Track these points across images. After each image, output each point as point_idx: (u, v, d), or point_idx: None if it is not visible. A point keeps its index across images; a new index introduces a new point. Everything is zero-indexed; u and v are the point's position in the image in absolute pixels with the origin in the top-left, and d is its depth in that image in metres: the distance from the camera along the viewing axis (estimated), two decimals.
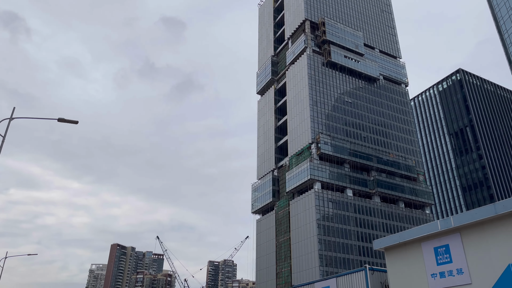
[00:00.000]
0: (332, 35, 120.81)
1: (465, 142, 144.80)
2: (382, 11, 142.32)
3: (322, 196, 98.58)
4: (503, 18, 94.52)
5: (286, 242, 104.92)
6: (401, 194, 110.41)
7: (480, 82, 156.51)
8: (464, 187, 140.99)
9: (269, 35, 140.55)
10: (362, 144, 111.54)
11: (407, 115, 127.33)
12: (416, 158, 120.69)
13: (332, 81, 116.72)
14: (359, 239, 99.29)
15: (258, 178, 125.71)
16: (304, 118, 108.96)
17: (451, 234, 25.82)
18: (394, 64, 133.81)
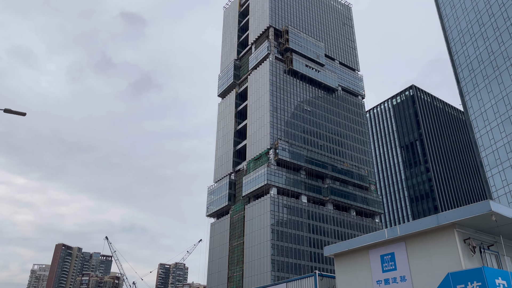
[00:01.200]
0: (295, 43, 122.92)
1: (414, 155, 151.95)
2: (343, 24, 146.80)
3: (277, 202, 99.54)
4: (454, 40, 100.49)
5: (239, 247, 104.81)
6: (353, 202, 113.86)
7: (430, 99, 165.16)
8: (411, 198, 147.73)
9: (233, 39, 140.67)
10: (319, 152, 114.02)
11: (362, 126, 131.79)
12: (369, 168, 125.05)
13: (293, 88, 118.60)
14: (312, 245, 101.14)
15: (215, 181, 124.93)
16: (264, 123, 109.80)
17: (397, 243, 26.83)
18: (353, 77, 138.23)
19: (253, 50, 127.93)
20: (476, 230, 23.62)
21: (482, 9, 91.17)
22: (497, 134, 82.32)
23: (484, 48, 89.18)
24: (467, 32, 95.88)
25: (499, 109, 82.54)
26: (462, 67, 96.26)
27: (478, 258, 22.98)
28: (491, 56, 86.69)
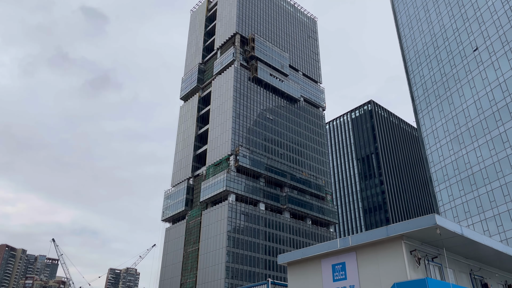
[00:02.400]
0: (261, 52, 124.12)
1: (370, 167, 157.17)
2: (308, 37, 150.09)
3: (235, 208, 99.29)
4: (411, 60, 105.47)
5: (194, 253, 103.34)
6: (310, 211, 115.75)
7: (387, 115, 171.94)
8: (365, 209, 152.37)
9: (198, 42, 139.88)
10: (279, 160, 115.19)
11: (322, 137, 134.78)
12: (326, 179, 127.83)
13: (256, 96, 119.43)
14: (267, 253, 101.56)
15: (173, 186, 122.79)
16: (226, 129, 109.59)
17: (348, 253, 27.48)
18: (315, 88, 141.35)
19: (219, 55, 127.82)
20: (422, 242, 24.67)
21: (438, 33, 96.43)
22: (446, 152, 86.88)
23: (438, 70, 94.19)
24: (423, 53, 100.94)
25: (448, 128, 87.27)
26: (417, 86, 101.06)
27: (423, 269, 23.99)
28: (443, 78, 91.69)
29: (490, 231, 71.99)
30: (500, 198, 71.32)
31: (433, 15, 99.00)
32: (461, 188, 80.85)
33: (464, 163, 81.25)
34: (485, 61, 79.98)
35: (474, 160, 78.71)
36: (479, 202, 75.90)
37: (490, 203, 73.41)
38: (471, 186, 78.25)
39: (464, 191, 79.93)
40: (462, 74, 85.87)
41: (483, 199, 75.08)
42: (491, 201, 73.16)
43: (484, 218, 74.12)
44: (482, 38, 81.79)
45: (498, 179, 72.50)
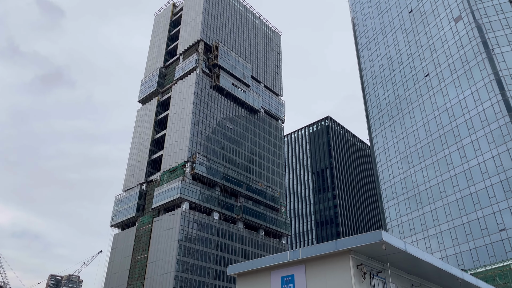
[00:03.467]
0: (224, 61, 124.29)
1: (324, 181, 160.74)
2: (272, 50, 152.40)
3: (188, 217, 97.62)
4: (368, 80, 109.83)
5: (142, 261, 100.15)
6: (263, 222, 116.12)
7: (343, 131, 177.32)
8: (317, 222, 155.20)
9: (161, 46, 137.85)
10: (236, 170, 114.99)
11: (280, 149, 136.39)
12: (281, 190, 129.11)
13: (217, 104, 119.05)
14: (218, 263, 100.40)
15: (124, 190, 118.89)
16: (184, 135, 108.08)
17: (297, 265, 27.69)
18: (275, 101, 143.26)
19: (181, 60, 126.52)
20: (368, 257, 25.37)
21: (394, 56, 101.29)
22: (395, 170, 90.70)
23: (392, 92, 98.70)
24: (379, 75, 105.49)
25: (399, 148, 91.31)
26: (372, 105, 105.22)
27: (368, 283, 24.62)
28: (397, 99, 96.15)
29: (432, 248, 75.59)
30: (442, 217, 75.25)
31: (390, 40, 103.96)
32: (407, 205, 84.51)
33: (411, 182, 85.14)
34: (435, 86, 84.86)
35: (421, 180, 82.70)
36: (423, 220, 79.62)
37: (433, 221, 77.21)
38: (417, 204, 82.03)
39: (410, 208, 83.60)
40: (414, 97, 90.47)
41: (427, 217, 78.87)
42: (434, 219, 76.98)
43: (427, 235, 77.76)
44: (433, 65, 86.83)
45: (441, 199, 76.54)
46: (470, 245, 68.36)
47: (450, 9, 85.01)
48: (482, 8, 78.01)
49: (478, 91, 73.80)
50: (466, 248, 69.05)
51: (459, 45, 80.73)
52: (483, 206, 67.73)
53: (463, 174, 73.02)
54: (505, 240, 62.62)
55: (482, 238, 66.55)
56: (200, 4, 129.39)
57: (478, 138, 71.69)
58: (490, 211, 66.35)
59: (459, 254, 69.96)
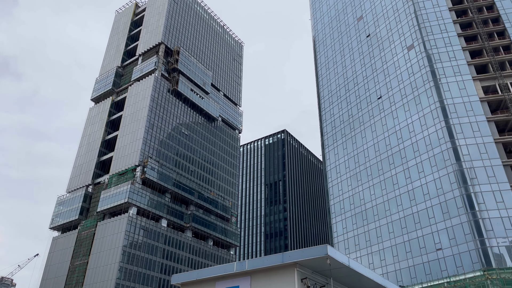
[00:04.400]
0: (184, 66, 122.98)
1: (276, 194, 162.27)
2: (233, 60, 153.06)
3: (135, 222, 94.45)
4: (324, 98, 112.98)
5: (82, 266, 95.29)
6: (213, 232, 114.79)
7: (297, 145, 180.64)
8: (267, 234, 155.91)
9: (120, 45, 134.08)
10: (188, 177, 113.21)
11: (235, 159, 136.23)
12: (233, 200, 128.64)
13: (174, 109, 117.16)
14: (164, 271, 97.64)
15: (68, 191, 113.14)
16: (137, 138, 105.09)
17: (243, 277, 27.51)
18: (234, 110, 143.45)
19: (140, 61, 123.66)
20: (313, 271, 25.72)
21: (350, 77, 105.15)
22: (345, 187, 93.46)
23: (346, 111, 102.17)
24: (335, 93, 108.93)
25: (349, 165, 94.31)
26: (327, 122, 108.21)
27: None
28: (350, 119, 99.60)
29: (374, 264, 78.22)
30: (386, 234, 78.27)
31: (347, 61, 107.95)
32: (354, 222, 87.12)
33: (359, 199, 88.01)
34: (386, 109, 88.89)
35: (368, 197, 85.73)
36: (368, 236, 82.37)
37: (377, 238, 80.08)
38: (363, 221, 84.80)
39: (356, 225, 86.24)
40: (366, 118, 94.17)
41: (371, 234, 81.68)
42: (378, 236, 79.88)
43: (370, 251, 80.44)
44: (386, 88, 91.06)
45: (385, 217, 79.68)
46: (409, 263, 71.48)
47: (404, 38, 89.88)
48: (433, 39, 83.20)
49: (424, 117, 78.15)
50: (405, 265, 72.09)
51: (410, 72, 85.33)
52: (423, 225, 71.24)
53: (407, 194, 76.58)
54: (441, 259, 66.10)
55: (420, 256, 69.84)
56: (164, 7, 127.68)
57: (422, 161, 75.67)
58: (429, 231, 69.89)
59: (399, 271, 72.88)
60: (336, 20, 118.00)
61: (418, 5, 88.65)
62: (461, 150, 69.44)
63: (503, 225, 61.15)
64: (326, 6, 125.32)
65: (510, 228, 60.55)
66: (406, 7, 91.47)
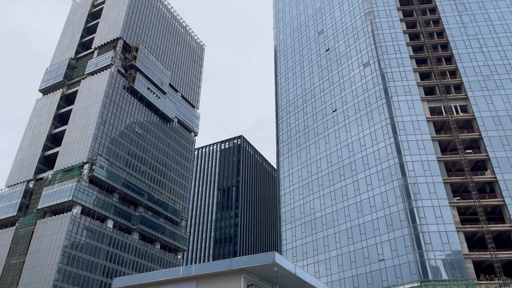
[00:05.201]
0: (142, 63, 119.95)
1: (228, 199, 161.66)
2: (194, 61, 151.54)
3: (78, 222, 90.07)
4: (282, 107, 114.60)
5: (18, 266, 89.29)
6: (161, 235, 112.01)
7: (253, 152, 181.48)
8: (216, 240, 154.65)
9: (75, 36, 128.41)
10: (139, 177, 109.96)
11: (189, 162, 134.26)
12: (184, 204, 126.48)
13: (128, 107, 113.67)
14: (106, 274, 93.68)
15: (7, 186, 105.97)
16: (87, 134, 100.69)
17: (189, 282, 27.01)
18: (191, 112, 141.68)
19: (95, 55, 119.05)
20: (260, 277, 25.72)
21: (308, 89, 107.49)
22: (296, 195, 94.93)
23: (302, 121, 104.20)
24: (293, 103, 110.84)
25: (302, 174, 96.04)
26: (283, 131, 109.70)
27: None
28: (305, 129, 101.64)
29: (320, 272, 79.85)
30: (333, 244, 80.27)
31: (306, 73, 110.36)
32: (303, 230, 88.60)
33: (309, 208, 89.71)
34: (340, 122, 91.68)
35: (318, 207, 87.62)
36: (315, 245, 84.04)
37: (324, 247, 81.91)
38: (312, 230, 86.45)
39: (305, 233, 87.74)
40: (321, 129, 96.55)
41: (319, 243, 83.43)
42: (325, 245, 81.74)
43: (317, 260, 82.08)
44: (341, 102, 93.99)
45: (333, 227, 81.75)
46: (353, 272, 73.66)
47: (361, 55, 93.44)
48: (388, 59, 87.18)
49: (375, 132, 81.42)
50: (349, 275, 74.20)
51: (364, 88, 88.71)
52: (368, 237, 73.82)
53: (355, 206, 79.10)
54: (383, 270, 68.73)
55: (364, 266, 72.22)
56: (125, 1, 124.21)
57: (371, 174, 78.61)
58: (373, 242, 72.52)
59: (343, 280, 74.86)
60: (298, 31, 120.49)
61: (376, 25, 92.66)
62: (407, 166, 72.94)
63: (440, 239, 64.74)
64: (289, 17, 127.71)
65: (446, 242, 64.23)
66: (365, 26, 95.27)
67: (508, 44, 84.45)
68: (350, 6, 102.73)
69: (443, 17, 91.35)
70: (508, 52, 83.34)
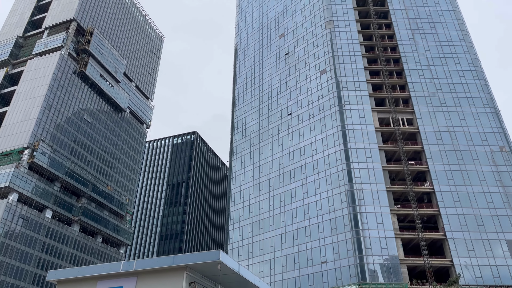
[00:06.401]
0: (96, 49, 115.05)
1: (177, 195, 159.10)
2: (151, 52, 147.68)
3: (14, 210, 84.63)
4: (238, 106, 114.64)
5: None
6: (103, 228, 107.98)
7: (206, 149, 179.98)
8: (162, 235, 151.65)
9: (25, 13, 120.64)
10: (84, 167, 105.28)
11: (138, 154, 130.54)
12: (131, 197, 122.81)
13: (78, 93, 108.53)
14: (41, 267, 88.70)
15: None
16: (29, 118, 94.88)
17: (129, 277, 26.20)
18: (144, 104, 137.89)
19: (45, 35, 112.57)
20: (203, 275, 25.51)
21: (265, 90, 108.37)
22: (247, 195, 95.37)
23: (257, 122, 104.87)
24: (250, 103, 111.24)
25: (254, 175, 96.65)
26: (238, 130, 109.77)
27: None
28: (260, 130, 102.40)
29: (264, 272, 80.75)
30: (278, 244, 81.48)
31: (265, 74, 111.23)
32: (251, 230, 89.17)
33: (258, 208, 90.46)
34: (294, 126, 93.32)
35: (267, 208, 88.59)
36: (261, 245, 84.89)
37: (270, 247, 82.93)
38: (259, 230, 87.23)
39: (252, 233, 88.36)
40: (275, 131, 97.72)
41: (265, 243, 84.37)
42: (271, 246, 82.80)
43: (262, 260, 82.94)
44: (296, 106, 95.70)
45: (280, 228, 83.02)
46: (296, 273, 75.23)
47: (318, 62, 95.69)
48: (343, 68, 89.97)
49: (327, 138, 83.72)
50: (292, 276, 75.68)
51: (319, 95, 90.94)
52: (312, 239, 75.73)
53: (302, 208, 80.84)
54: (324, 272, 70.81)
55: (307, 267, 73.99)
56: None
57: (319, 178, 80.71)
58: (317, 244, 74.51)
59: (285, 281, 76.22)
60: (259, 32, 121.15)
61: (335, 34, 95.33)
62: (354, 172, 75.68)
63: (379, 244, 67.82)
64: (251, 17, 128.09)
65: (385, 248, 67.39)
66: (324, 34, 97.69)
67: (453, 65, 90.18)
68: (312, 13, 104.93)
69: (397, 33, 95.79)
70: (453, 72, 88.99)
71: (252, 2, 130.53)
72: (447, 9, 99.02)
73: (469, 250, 67.27)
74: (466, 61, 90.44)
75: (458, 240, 68.32)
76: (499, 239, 68.03)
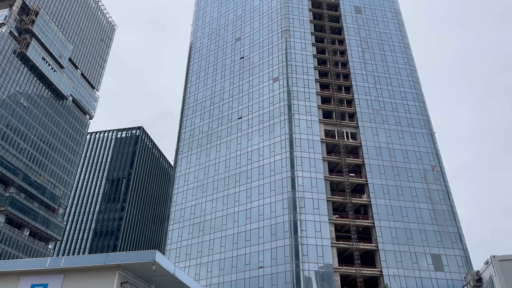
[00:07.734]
0: (41, 30, 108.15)
1: (117, 191, 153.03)
2: (101, 40, 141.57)
3: None
4: (189, 105, 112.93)
5: None
6: (32, 221, 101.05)
7: (151, 145, 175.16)
8: (96, 232, 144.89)
9: None
10: (15, 154, 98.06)
11: (78, 146, 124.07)
12: (66, 190, 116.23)
13: (16, 75, 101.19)
14: None
15: None
16: None
17: (55, 274, 24.70)
18: (89, 93, 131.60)
19: None
20: (136, 275, 24.61)
21: (218, 92, 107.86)
22: (189, 196, 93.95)
23: (207, 123, 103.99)
24: (200, 103, 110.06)
25: (198, 176, 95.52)
26: (186, 129, 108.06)
27: None
28: (209, 131, 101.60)
29: (200, 275, 79.78)
30: (217, 247, 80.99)
31: (218, 76, 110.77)
32: (190, 232, 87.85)
33: (200, 210, 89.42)
34: (243, 130, 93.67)
35: (209, 210, 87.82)
36: (200, 247, 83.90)
37: (208, 250, 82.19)
38: (199, 232, 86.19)
39: (192, 235, 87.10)
40: (224, 134, 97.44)
41: (204, 245, 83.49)
42: (210, 248, 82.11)
43: (200, 262, 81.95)
44: (247, 111, 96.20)
45: (221, 231, 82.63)
46: (233, 277, 75.14)
47: (272, 69, 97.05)
48: (295, 78, 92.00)
49: (274, 145, 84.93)
50: (228, 279, 75.49)
51: (270, 102, 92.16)
52: (252, 243, 76.16)
53: (244, 213, 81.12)
54: (261, 277, 71.41)
55: (244, 272, 74.19)
56: None
57: (264, 184, 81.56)
58: (256, 249, 75.04)
59: (222, 284, 75.85)
60: (216, 33, 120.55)
61: (290, 44, 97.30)
62: (297, 180, 77.35)
63: (316, 252, 69.74)
64: (209, 17, 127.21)
65: (321, 256, 69.40)
66: (280, 42, 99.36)
67: (397, 86, 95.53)
68: (269, 20, 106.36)
69: (348, 50, 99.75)
70: (396, 93, 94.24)
71: (211, 2, 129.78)
72: (395, 33, 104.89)
73: (398, 261, 71.19)
74: (408, 84, 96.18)
75: (388, 251, 72.07)
76: (425, 252, 72.72)
